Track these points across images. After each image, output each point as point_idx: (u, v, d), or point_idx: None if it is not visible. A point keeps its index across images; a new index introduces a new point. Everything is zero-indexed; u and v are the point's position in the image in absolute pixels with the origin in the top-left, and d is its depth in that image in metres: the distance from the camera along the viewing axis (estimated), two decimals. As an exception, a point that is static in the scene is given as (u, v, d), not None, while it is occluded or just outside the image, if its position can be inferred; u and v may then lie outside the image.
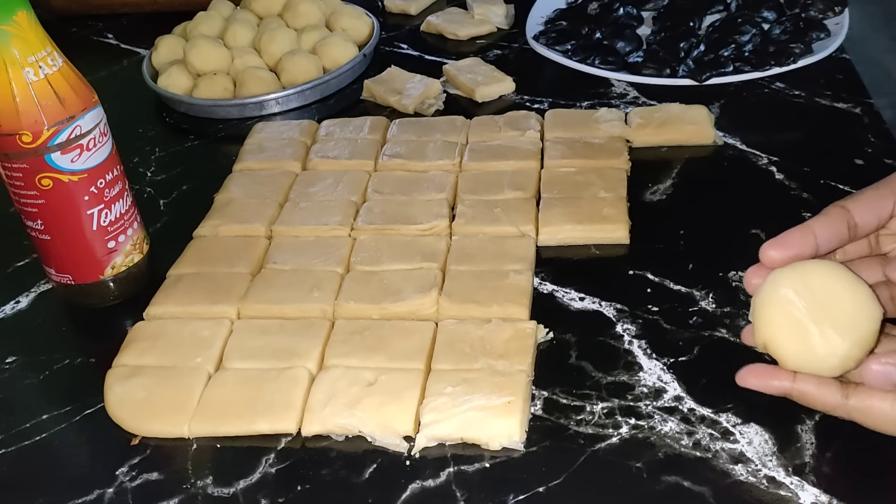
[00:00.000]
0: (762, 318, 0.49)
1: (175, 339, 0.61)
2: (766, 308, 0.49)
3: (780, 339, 0.48)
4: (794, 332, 0.47)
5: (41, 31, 0.60)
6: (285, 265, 0.67)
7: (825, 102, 0.83)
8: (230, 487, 0.52)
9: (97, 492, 0.52)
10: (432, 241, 0.68)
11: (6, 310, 0.69)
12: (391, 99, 0.89)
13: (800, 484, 0.49)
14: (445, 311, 0.62)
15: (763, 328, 0.49)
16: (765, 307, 0.49)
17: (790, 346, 0.48)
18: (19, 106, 0.58)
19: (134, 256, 0.67)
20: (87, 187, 0.63)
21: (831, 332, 0.47)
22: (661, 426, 0.53)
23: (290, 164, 0.80)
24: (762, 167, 0.75)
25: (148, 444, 0.55)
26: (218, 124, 0.91)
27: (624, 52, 0.92)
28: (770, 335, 0.49)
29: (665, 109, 0.81)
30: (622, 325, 0.60)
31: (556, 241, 0.69)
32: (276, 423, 0.55)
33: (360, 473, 0.52)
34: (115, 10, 1.18)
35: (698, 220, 0.70)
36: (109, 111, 0.65)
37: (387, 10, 1.12)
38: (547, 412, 0.55)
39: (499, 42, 1.01)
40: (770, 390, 0.49)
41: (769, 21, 0.93)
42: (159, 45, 0.98)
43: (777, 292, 0.48)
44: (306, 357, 0.59)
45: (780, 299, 0.48)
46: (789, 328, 0.48)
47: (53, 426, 0.58)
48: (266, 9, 1.01)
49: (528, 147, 0.78)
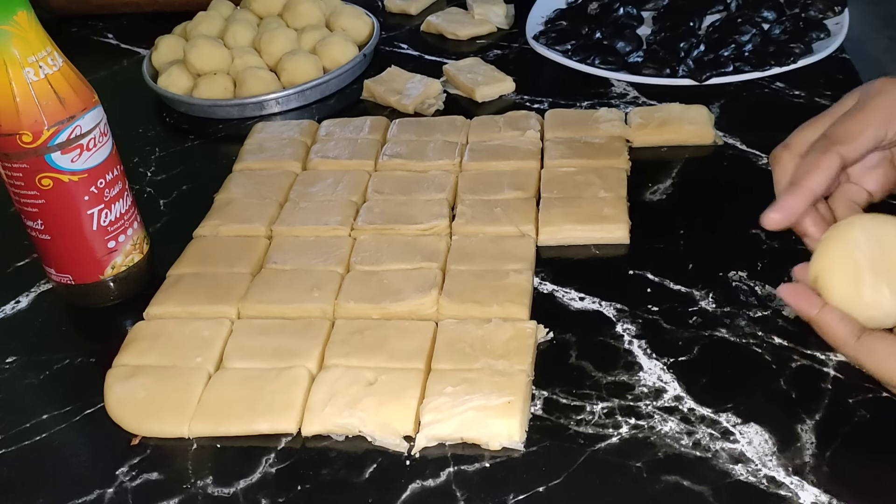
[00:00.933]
0: (824, 250, 0.50)
1: (175, 339, 0.61)
2: (832, 243, 0.49)
3: (834, 275, 0.49)
4: (850, 273, 0.48)
5: (41, 30, 0.60)
6: (285, 265, 0.67)
7: (825, 102, 0.83)
8: (230, 487, 0.52)
9: (97, 491, 0.52)
10: (432, 241, 0.68)
11: (6, 310, 0.69)
12: (391, 99, 0.89)
13: (800, 484, 0.49)
14: (445, 310, 0.62)
15: (821, 260, 0.50)
16: (830, 241, 0.50)
17: (841, 284, 0.49)
18: (19, 106, 0.58)
19: (134, 256, 0.67)
20: (87, 187, 0.63)
21: (884, 285, 0.48)
22: (661, 426, 0.53)
23: (290, 164, 0.80)
24: (762, 167, 0.75)
25: (148, 443, 0.55)
26: (218, 124, 0.91)
27: (624, 52, 0.92)
28: (825, 268, 0.49)
29: (665, 109, 0.81)
30: (622, 325, 0.60)
31: (556, 240, 0.69)
32: (276, 423, 0.55)
33: (360, 473, 0.52)
34: (115, 10, 1.18)
35: (698, 220, 0.70)
36: (109, 111, 0.65)
37: (387, 10, 1.12)
38: (547, 412, 0.55)
39: (499, 42, 1.01)
40: (798, 307, 0.50)
41: (769, 21, 0.93)
42: (159, 45, 0.98)
43: (848, 233, 0.49)
44: (306, 357, 0.59)
45: (848, 239, 0.49)
46: (846, 268, 0.48)
47: (53, 426, 0.58)
48: (266, 9, 1.01)
49: (528, 147, 0.78)
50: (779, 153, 0.55)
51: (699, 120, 0.79)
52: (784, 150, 0.54)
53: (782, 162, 0.54)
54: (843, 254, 0.49)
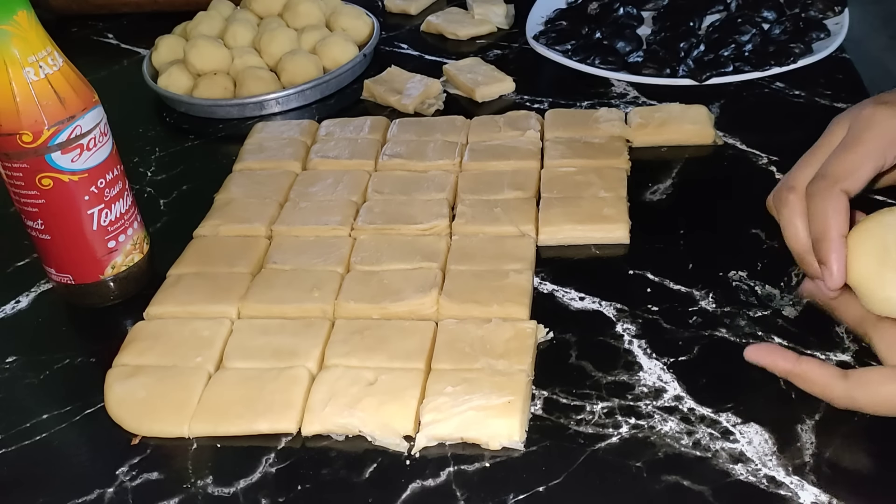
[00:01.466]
0: (859, 227, 0.51)
1: (175, 338, 0.61)
2: (869, 222, 0.51)
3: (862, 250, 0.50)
4: (877, 252, 0.50)
5: (41, 30, 0.60)
6: (285, 265, 0.67)
7: (825, 102, 0.83)
8: (230, 487, 0.52)
9: (97, 491, 0.52)
10: (432, 241, 0.68)
11: (6, 310, 0.69)
12: (391, 99, 0.89)
13: (800, 484, 0.49)
14: (445, 310, 0.62)
15: (855, 235, 0.51)
16: (868, 220, 0.51)
17: (866, 258, 0.50)
18: (20, 106, 0.58)
19: (134, 256, 0.67)
20: (87, 187, 0.63)
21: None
22: (661, 426, 0.53)
23: (290, 163, 0.80)
24: (762, 167, 0.75)
25: (148, 443, 0.55)
26: (218, 124, 0.91)
27: (624, 52, 0.92)
28: (856, 242, 0.50)
29: (665, 109, 0.81)
30: (622, 325, 0.60)
31: (556, 240, 0.69)
32: (277, 423, 0.55)
33: (361, 473, 0.52)
34: (115, 10, 1.18)
35: (698, 220, 0.70)
36: (109, 111, 0.65)
37: (387, 10, 1.12)
38: (547, 412, 0.55)
39: (499, 42, 1.01)
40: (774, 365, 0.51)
41: (769, 21, 0.93)
42: (159, 45, 0.98)
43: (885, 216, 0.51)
44: (306, 357, 0.59)
45: (884, 222, 0.50)
46: (874, 246, 0.50)
47: (53, 426, 0.58)
48: (266, 9, 1.01)
49: (528, 147, 0.78)
50: (785, 196, 0.55)
51: (699, 120, 0.79)
52: (790, 193, 0.54)
53: (790, 204, 0.54)
54: (877, 233, 0.50)
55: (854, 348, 0.56)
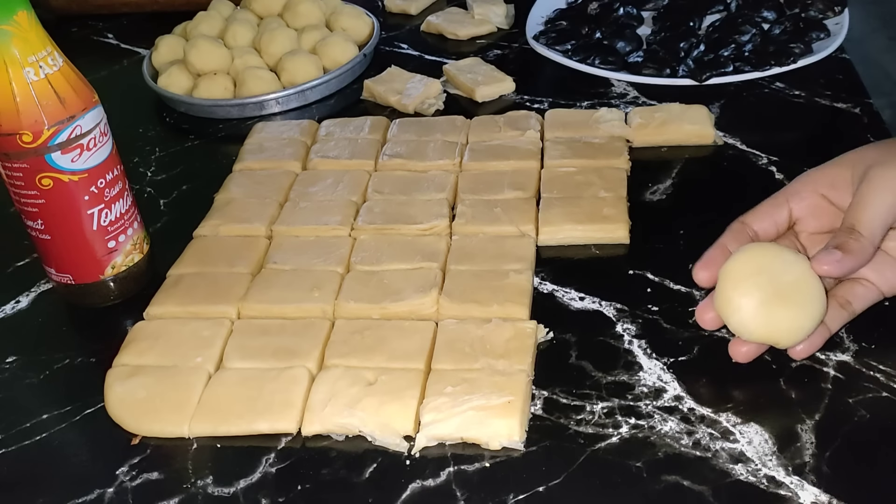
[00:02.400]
0: (726, 264, 0.55)
1: (175, 338, 0.61)
2: (730, 260, 0.55)
3: (722, 283, 0.54)
4: (729, 283, 0.54)
5: (41, 30, 0.60)
6: (285, 265, 0.67)
7: (825, 102, 0.83)
8: (230, 487, 0.52)
9: (97, 491, 0.52)
10: (432, 241, 0.68)
11: (6, 310, 0.69)
12: (391, 99, 0.89)
13: (800, 484, 0.49)
14: (445, 310, 0.62)
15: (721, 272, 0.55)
16: (731, 259, 0.55)
17: (721, 291, 0.54)
18: (20, 106, 0.58)
19: (134, 256, 0.67)
20: (87, 187, 0.63)
21: (745, 297, 0.53)
22: (661, 426, 0.53)
23: (290, 163, 0.80)
24: (762, 167, 0.75)
25: (148, 443, 0.55)
26: (218, 124, 0.91)
27: (624, 52, 0.92)
28: (720, 278, 0.54)
29: (665, 109, 0.81)
30: (622, 325, 0.60)
31: (556, 240, 0.69)
32: (277, 423, 0.55)
33: (361, 473, 0.52)
34: (115, 10, 1.18)
35: (698, 220, 0.70)
36: (109, 111, 0.65)
37: (387, 10, 1.12)
38: (547, 412, 0.55)
39: (499, 42, 1.01)
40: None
41: (769, 21, 0.93)
42: (159, 45, 0.98)
43: (742, 253, 0.54)
44: (306, 357, 0.59)
45: (738, 258, 0.54)
46: (727, 279, 0.54)
47: (53, 426, 0.58)
48: (266, 9, 1.01)
49: (528, 147, 0.78)
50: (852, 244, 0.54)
51: (699, 120, 0.79)
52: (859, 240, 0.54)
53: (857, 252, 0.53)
54: (731, 268, 0.54)
55: (854, 348, 0.56)
